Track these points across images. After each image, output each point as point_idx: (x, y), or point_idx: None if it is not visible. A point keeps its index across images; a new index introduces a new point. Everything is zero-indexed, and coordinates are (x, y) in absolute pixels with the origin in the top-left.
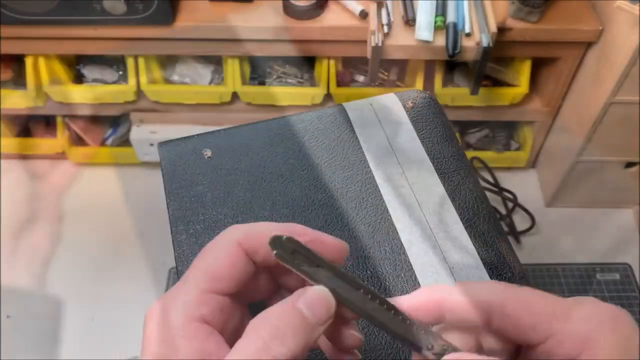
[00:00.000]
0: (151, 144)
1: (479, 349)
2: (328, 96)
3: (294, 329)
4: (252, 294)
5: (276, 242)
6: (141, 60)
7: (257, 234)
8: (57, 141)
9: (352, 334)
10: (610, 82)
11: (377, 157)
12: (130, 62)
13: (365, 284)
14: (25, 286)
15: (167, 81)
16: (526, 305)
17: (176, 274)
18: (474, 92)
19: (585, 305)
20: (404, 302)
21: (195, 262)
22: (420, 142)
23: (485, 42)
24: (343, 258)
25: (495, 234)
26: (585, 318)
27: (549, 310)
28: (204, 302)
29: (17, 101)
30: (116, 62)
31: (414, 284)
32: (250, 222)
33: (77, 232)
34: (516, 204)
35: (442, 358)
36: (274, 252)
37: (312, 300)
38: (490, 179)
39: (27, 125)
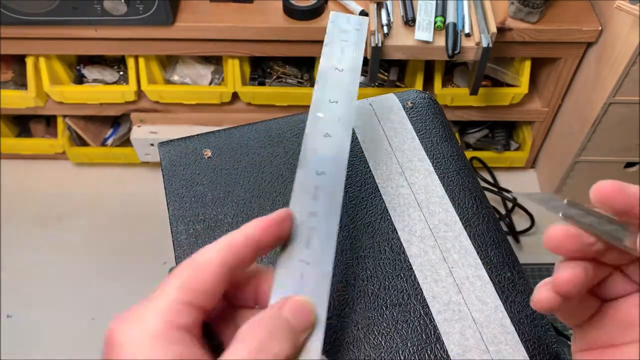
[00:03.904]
0: (151, 144)
1: None
2: None
3: (283, 334)
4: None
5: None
6: (141, 61)
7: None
8: (57, 141)
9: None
10: (610, 82)
11: (376, 157)
12: (130, 62)
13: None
14: (25, 286)
15: (168, 81)
16: None
17: None
18: (473, 92)
19: None
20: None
21: (170, 277)
22: (420, 142)
23: (485, 42)
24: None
25: (494, 234)
26: None
27: None
28: (183, 312)
29: (17, 101)
30: (116, 63)
31: (414, 284)
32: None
33: (77, 232)
34: (515, 204)
35: None
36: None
37: (295, 307)
38: (490, 179)
39: (27, 125)
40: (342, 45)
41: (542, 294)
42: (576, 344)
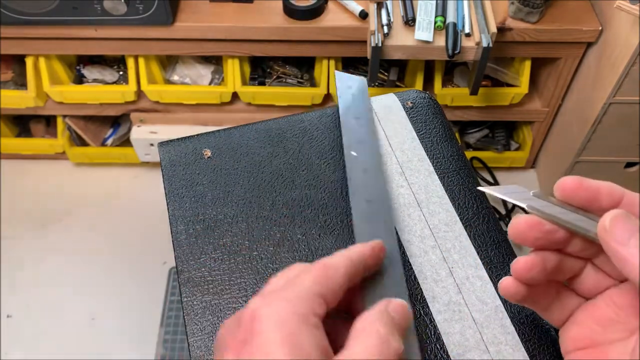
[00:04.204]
0: (151, 144)
1: None
2: (328, 96)
3: (395, 330)
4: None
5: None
6: (141, 61)
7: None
8: (57, 141)
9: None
10: (610, 82)
11: None
12: (130, 62)
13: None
14: (25, 286)
15: (168, 81)
16: None
17: (176, 274)
18: (473, 92)
19: None
20: (602, 184)
21: (300, 272)
22: (420, 142)
23: (485, 42)
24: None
25: (495, 234)
26: None
27: None
28: (319, 303)
29: (17, 101)
30: (116, 63)
31: (413, 284)
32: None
33: (77, 232)
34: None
35: None
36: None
37: (398, 307)
38: (490, 179)
39: (27, 125)
40: (352, 94)
41: (505, 281)
42: (563, 344)
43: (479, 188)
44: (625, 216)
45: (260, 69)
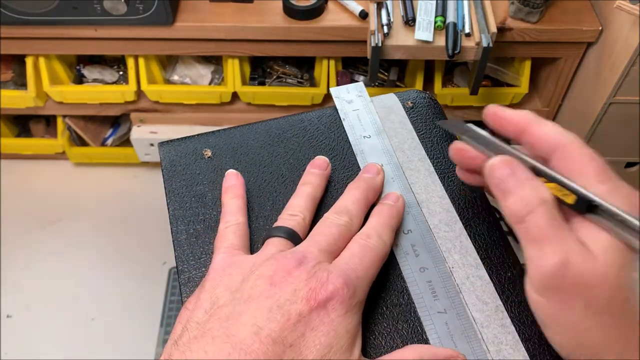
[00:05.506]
0: (151, 144)
1: None
2: (328, 96)
3: None
4: None
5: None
6: (141, 61)
7: None
8: (57, 141)
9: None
10: (610, 82)
11: None
12: (130, 62)
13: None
14: (25, 286)
15: (168, 81)
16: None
17: (176, 274)
18: (473, 92)
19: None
20: (501, 112)
21: None
22: (420, 142)
23: (485, 42)
24: None
25: (495, 234)
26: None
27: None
28: None
29: (17, 101)
30: (116, 62)
31: None
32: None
33: (77, 232)
34: None
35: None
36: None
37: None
38: None
39: (27, 125)
40: (357, 114)
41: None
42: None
43: (437, 123)
44: (502, 164)
45: (260, 69)
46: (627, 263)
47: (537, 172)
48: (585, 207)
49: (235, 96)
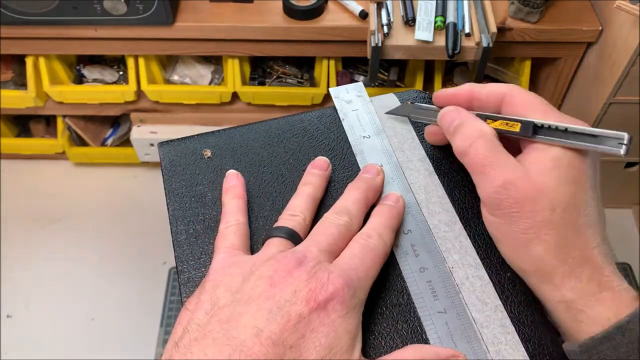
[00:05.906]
0: (151, 144)
1: None
2: (328, 96)
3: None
4: None
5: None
6: (141, 61)
7: None
8: (57, 141)
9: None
10: (610, 82)
11: None
12: (130, 62)
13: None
14: (25, 286)
15: (168, 81)
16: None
17: (176, 274)
18: None
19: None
20: (447, 91)
21: None
22: (420, 142)
23: (485, 42)
24: None
25: None
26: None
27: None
28: None
29: (17, 101)
30: (116, 62)
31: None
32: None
33: (77, 232)
34: None
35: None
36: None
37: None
38: None
39: (27, 125)
40: (356, 114)
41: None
42: None
43: (386, 112)
44: (449, 110)
45: (260, 69)
46: (568, 178)
47: (483, 118)
48: (532, 130)
49: (235, 96)
